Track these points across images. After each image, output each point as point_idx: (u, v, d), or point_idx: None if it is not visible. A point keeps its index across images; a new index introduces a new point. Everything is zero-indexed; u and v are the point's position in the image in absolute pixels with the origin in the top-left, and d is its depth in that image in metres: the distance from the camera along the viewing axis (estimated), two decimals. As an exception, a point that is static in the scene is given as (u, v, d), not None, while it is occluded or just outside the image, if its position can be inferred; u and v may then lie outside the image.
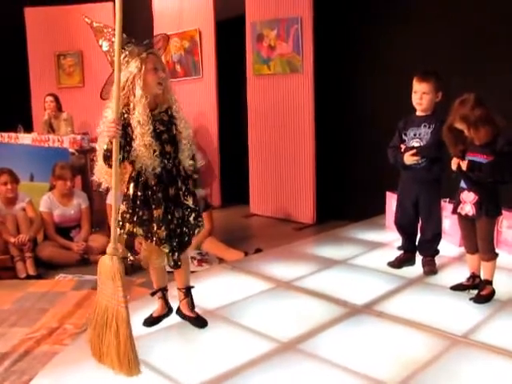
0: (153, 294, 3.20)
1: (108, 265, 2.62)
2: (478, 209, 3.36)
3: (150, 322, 3.16)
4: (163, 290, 3.18)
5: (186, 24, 7.29)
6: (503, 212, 4.23)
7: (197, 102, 7.19)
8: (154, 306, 3.23)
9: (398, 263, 4.08)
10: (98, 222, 5.75)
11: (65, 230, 5.31)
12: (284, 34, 6.23)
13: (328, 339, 3.02)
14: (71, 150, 6.22)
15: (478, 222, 3.42)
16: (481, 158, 3.29)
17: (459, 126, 3.28)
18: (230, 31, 6.96)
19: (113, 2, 7.95)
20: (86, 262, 5.01)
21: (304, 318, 3.26)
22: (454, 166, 3.38)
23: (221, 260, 4.80)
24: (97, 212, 5.87)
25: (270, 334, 3.06)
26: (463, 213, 3.45)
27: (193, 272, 4.04)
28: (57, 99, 7.29)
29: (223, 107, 7.17)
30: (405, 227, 4.08)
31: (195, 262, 4.74)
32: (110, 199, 5.22)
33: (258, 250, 4.87)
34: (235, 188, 7.14)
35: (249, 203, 6.88)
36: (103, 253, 2.70)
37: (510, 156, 3.27)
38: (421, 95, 3.78)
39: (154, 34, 7.52)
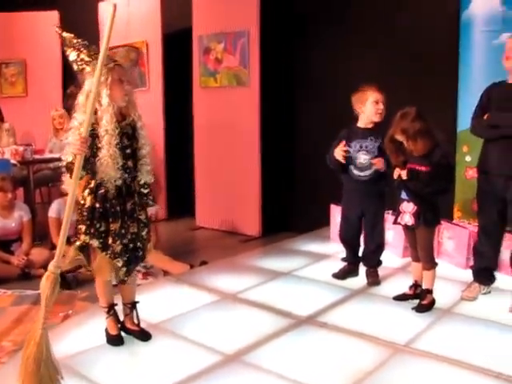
0: (108, 312, 3.11)
1: (43, 283, 2.57)
2: (417, 219, 3.47)
3: (115, 339, 3.09)
4: (114, 306, 3.13)
5: (133, 35, 7.23)
6: (444, 223, 4.37)
7: (143, 114, 7.05)
8: (98, 320, 3.18)
9: (342, 274, 4.14)
10: (41, 236, 5.62)
11: (5, 243, 5.15)
12: (231, 47, 6.26)
13: (272, 351, 3.03)
14: (13, 161, 6.06)
15: (418, 231, 3.53)
16: (420, 169, 3.40)
17: (399, 137, 3.40)
18: (178, 43, 6.95)
19: (57, 10, 7.89)
20: (27, 276, 4.87)
21: (249, 330, 3.26)
22: (395, 175, 3.48)
23: (166, 273, 4.75)
24: (39, 225, 5.73)
25: (215, 347, 3.05)
26: (403, 223, 3.56)
27: (138, 285, 3.99)
28: (-2, 109, 7.11)
29: (170, 119, 7.13)
30: (349, 239, 4.14)
31: (140, 275, 4.67)
32: (52, 212, 5.12)
33: (204, 263, 4.84)
34: (181, 200, 7.10)
35: (195, 216, 6.85)
36: (45, 267, 2.64)
37: (446, 167, 3.42)
38: (381, 105, 3.88)
39: (100, 44, 7.49)
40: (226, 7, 6.25)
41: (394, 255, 4.61)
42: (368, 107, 3.89)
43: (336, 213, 4.78)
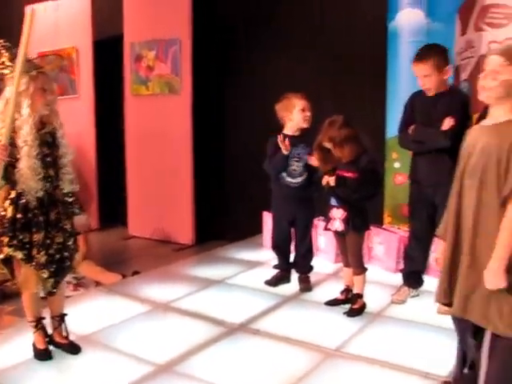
0: (36, 326, 3.00)
1: None
2: (346, 224, 3.53)
3: (43, 354, 2.99)
4: (41, 320, 3.03)
5: (63, 41, 7.08)
6: (374, 228, 4.46)
7: (74, 121, 6.93)
8: (26, 334, 3.08)
9: (274, 281, 4.16)
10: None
11: None
12: (163, 55, 6.22)
13: (205, 359, 3.01)
14: None
15: (347, 237, 3.59)
16: (347, 175, 3.46)
17: (327, 145, 3.45)
18: (109, 50, 6.84)
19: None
20: None
21: (181, 339, 3.23)
22: (323, 182, 3.54)
23: (98, 284, 4.65)
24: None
25: (146, 357, 3.00)
26: (333, 229, 3.62)
27: (68, 297, 3.90)
28: None
29: (101, 127, 7.01)
30: (281, 246, 4.17)
31: (71, 286, 4.56)
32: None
33: (136, 273, 4.77)
34: (113, 210, 6.98)
35: (127, 225, 6.74)
36: None
37: (372, 173, 3.50)
38: (309, 112, 3.93)
39: (29, 50, 7.29)
40: (158, 14, 6.21)
41: (326, 261, 4.67)
42: (295, 115, 3.93)
43: (268, 220, 4.80)
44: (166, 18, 6.14)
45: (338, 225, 3.58)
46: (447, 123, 3.41)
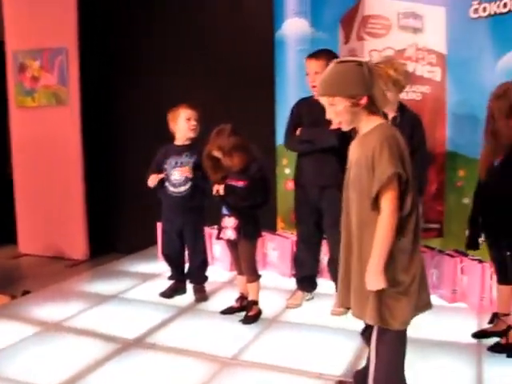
0: None
1: None
2: (238, 233, 3.55)
3: None
4: None
5: None
6: (268, 234, 4.52)
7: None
8: None
9: (169, 293, 4.11)
10: None
11: None
12: (48, 64, 6.01)
13: (100, 377, 2.92)
14: None
15: (240, 245, 3.61)
16: (237, 183, 3.49)
17: (216, 153, 3.46)
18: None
19: None
20: None
21: (74, 359, 3.11)
22: (214, 191, 3.55)
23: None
24: None
25: (38, 383, 2.86)
26: (225, 237, 3.63)
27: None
28: None
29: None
30: (171, 256, 4.13)
31: (-46, 311, 4.30)
32: None
33: (26, 292, 4.56)
34: (1, 227, 6.65)
35: (17, 243, 6.45)
36: None
37: (261, 181, 3.54)
38: (195, 122, 3.91)
39: None
40: (43, 22, 5.94)
41: (221, 269, 4.67)
42: (181, 124, 3.93)
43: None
44: (51, 26, 5.92)
45: (230, 233, 3.59)
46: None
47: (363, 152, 2.24)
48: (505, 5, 3.94)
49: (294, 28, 4.88)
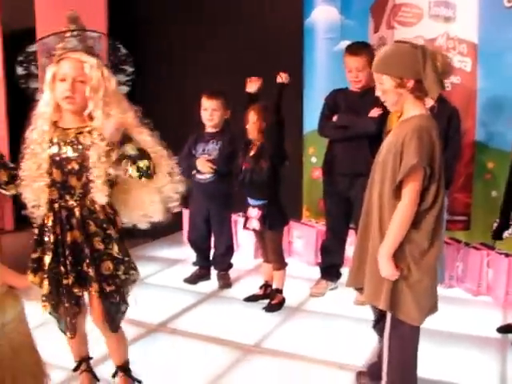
0: (75, 369, 2.63)
1: None
2: (263, 223, 3.55)
3: None
4: (86, 361, 2.64)
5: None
6: (293, 223, 4.52)
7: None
8: None
9: (193, 279, 4.13)
10: None
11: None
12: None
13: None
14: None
15: (266, 234, 3.60)
16: None
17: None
18: (20, 45, 6.57)
19: None
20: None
21: (97, 343, 3.10)
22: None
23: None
24: None
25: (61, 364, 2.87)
26: (251, 227, 3.63)
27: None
28: None
29: (13, 126, 6.71)
30: (197, 243, 4.15)
31: (-18, 291, 4.37)
32: None
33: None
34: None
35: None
36: None
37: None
38: (211, 112, 3.89)
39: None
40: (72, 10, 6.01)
41: (245, 257, 4.68)
42: (202, 114, 3.95)
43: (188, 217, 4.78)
44: (80, 12, 5.92)
45: (255, 224, 3.60)
46: (374, 111, 3.49)
47: (395, 137, 2.24)
48: (541, -7, 3.86)
49: (323, 16, 4.83)
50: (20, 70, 2.46)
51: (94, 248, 2.28)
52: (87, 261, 2.27)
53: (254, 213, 3.58)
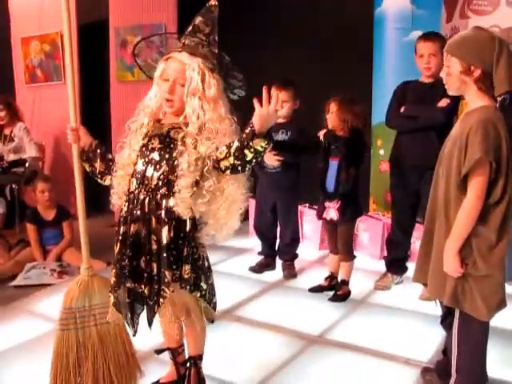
0: (158, 351, 2.59)
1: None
2: (341, 214, 3.53)
3: None
4: (172, 351, 2.57)
5: (47, 26, 6.98)
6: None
7: (58, 108, 6.91)
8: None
9: (258, 268, 4.16)
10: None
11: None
12: (148, 40, 6.14)
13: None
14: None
15: (340, 225, 3.60)
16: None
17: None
18: (94, 35, 6.76)
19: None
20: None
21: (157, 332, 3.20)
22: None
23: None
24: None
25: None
26: (328, 218, 3.62)
27: (51, 285, 3.91)
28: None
29: (86, 113, 6.94)
30: (263, 232, 4.17)
31: (55, 274, 4.54)
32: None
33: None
34: (100, 196, 6.92)
35: (113, 212, 6.69)
36: None
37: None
38: (282, 103, 3.88)
39: (12, 35, 7.20)
40: (144, -1, 6.14)
41: (311, 248, 4.67)
42: None
43: (253, 206, 4.80)
44: (151, 2, 6.07)
45: (333, 214, 3.58)
46: (443, 101, 3.41)
47: (460, 130, 2.18)
48: None
49: (394, 5, 4.75)
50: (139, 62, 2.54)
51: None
52: (148, 257, 2.21)
53: (333, 203, 3.57)
